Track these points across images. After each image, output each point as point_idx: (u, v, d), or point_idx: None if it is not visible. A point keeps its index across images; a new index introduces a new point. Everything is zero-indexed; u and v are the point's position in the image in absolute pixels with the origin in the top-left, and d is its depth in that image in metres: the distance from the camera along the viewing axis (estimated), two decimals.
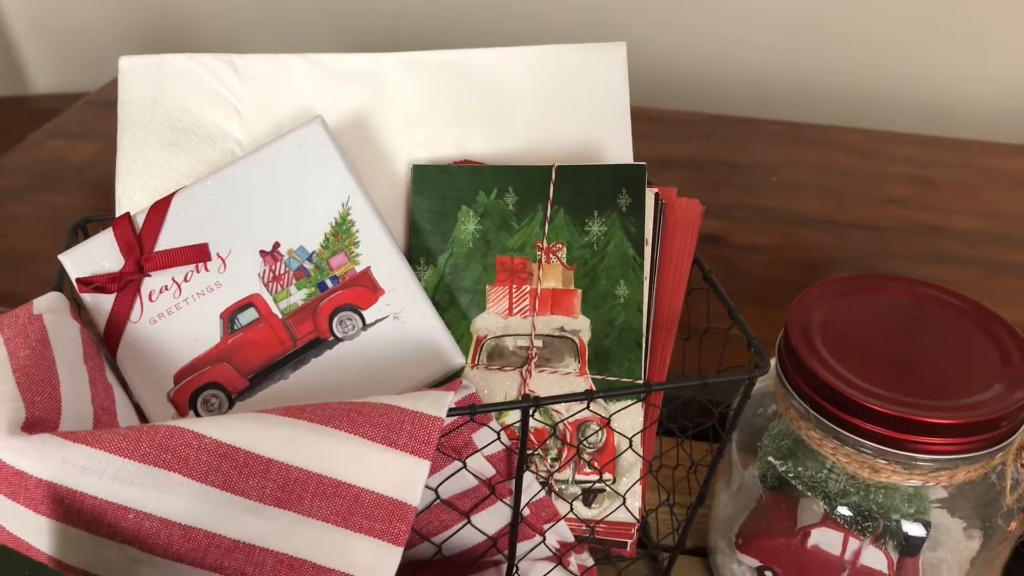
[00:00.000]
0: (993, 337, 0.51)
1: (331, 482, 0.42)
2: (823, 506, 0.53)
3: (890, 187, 1.17)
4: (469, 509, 0.49)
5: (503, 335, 0.54)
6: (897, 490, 0.51)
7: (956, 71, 1.35)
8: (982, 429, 0.47)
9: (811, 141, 1.27)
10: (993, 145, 1.28)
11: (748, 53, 1.40)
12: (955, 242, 1.07)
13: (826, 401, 0.48)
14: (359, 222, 0.51)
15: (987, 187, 1.18)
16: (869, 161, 1.24)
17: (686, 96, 1.42)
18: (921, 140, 1.29)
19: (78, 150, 1.15)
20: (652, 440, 0.54)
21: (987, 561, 0.53)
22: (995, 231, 1.09)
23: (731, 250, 1.01)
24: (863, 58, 1.37)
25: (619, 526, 0.53)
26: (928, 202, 1.14)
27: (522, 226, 0.53)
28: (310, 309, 0.51)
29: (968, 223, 1.10)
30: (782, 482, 0.55)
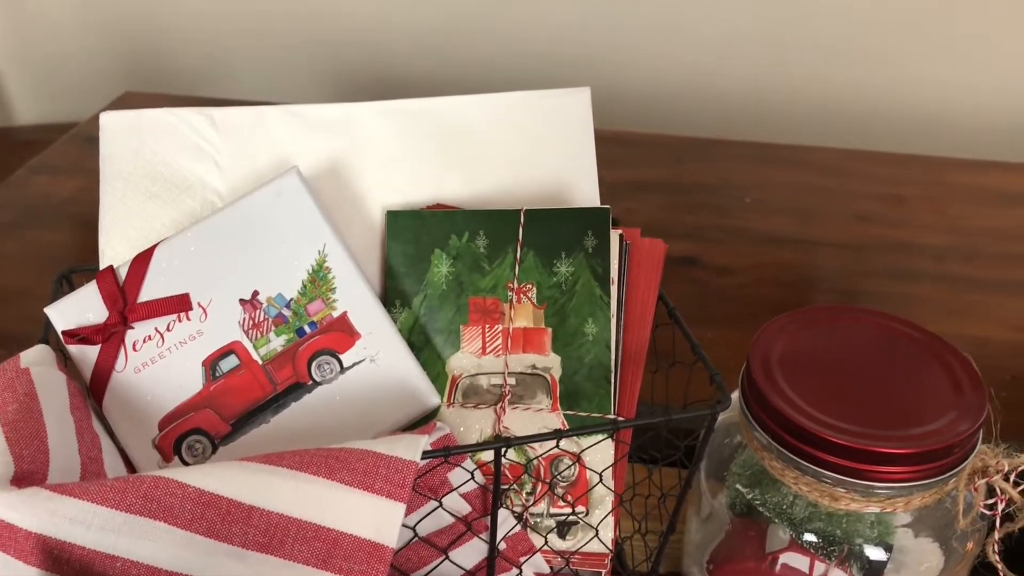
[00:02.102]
0: (946, 367, 0.53)
1: (311, 526, 0.43)
2: (789, 532, 0.55)
3: (861, 205, 1.20)
4: (447, 545, 0.51)
5: (477, 374, 0.55)
6: (859, 516, 0.53)
7: (924, 89, 1.39)
8: (935, 457, 0.49)
9: (782, 161, 1.30)
10: (961, 161, 1.31)
11: (719, 77, 1.43)
12: (925, 258, 1.09)
13: (786, 433, 0.51)
14: (335, 268, 0.53)
15: (955, 203, 1.21)
16: (839, 179, 1.27)
17: (659, 120, 1.45)
18: (890, 158, 1.31)
19: (63, 186, 1.17)
20: (623, 472, 0.55)
21: (945, 570, 0.56)
22: (963, 247, 1.12)
23: (706, 271, 1.04)
24: (832, 78, 1.40)
25: (593, 557, 0.55)
26: (898, 219, 1.17)
27: (493, 268, 0.55)
28: (289, 355, 0.53)
29: (938, 239, 1.13)
30: (750, 509, 0.57)
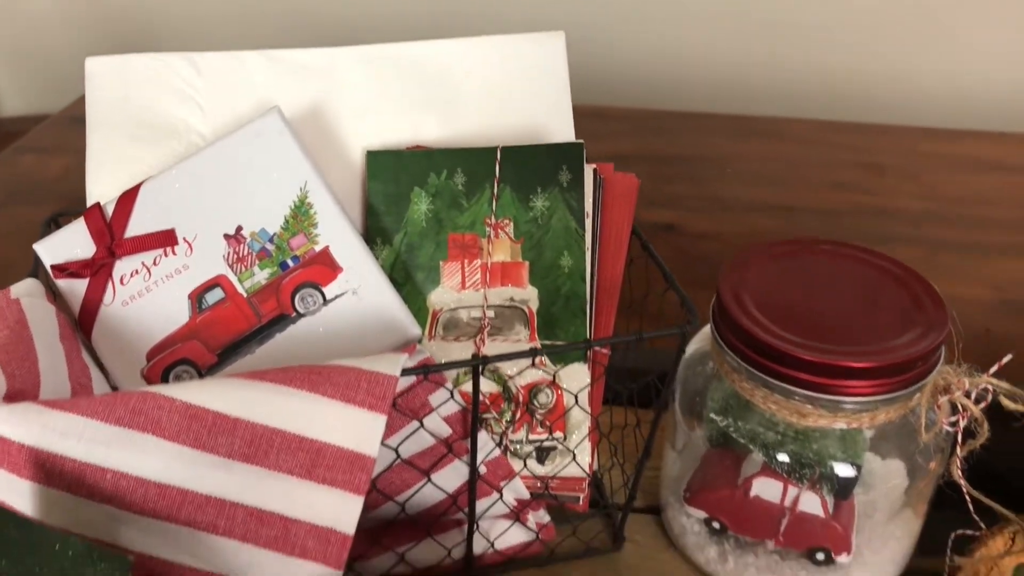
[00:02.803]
0: (909, 290, 0.55)
1: (294, 438, 0.45)
2: (762, 458, 0.57)
3: (838, 173, 1.21)
4: (428, 468, 0.52)
5: (457, 308, 0.57)
6: (829, 435, 0.55)
7: (899, 61, 1.41)
8: (899, 371, 0.51)
9: (762, 133, 1.31)
10: (936, 131, 1.33)
11: (700, 51, 1.45)
12: (901, 223, 1.11)
13: (755, 353, 0.52)
14: (316, 204, 0.55)
15: (931, 170, 1.23)
16: (818, 150, 1.29)
17: (640, 94, 1.46)
18: (867, 128, 1.33)
19: (49, 165, 1.18)
20: (599, 399, 0.57)
21: (914, 498, 0.58)
22: (937, 211, 1.13)
23: (684, 238, 1.05)
24: (811, 53, 1.42)
25: (571, 481, 0.57)
26: (875, 187, 1.19)
27: (471, 205, 0.57)
28: (273, 287, 0.54)
29: (913, 205, 1.15)
30: (725, 439, 0.59)
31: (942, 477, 0.57)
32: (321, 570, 0.46)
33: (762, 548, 0.59)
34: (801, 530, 0.58)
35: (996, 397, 0.53)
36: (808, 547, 0.58)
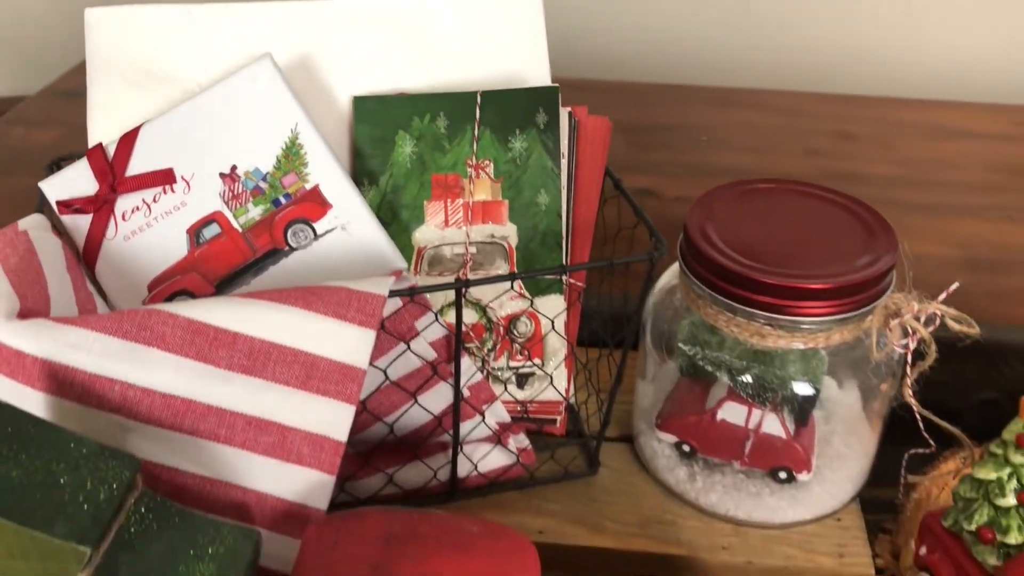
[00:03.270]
0: (862, 221, 0.59)
1: (290, 351, 0.48)
2: (729, 384, 0.61)
3: (812, 141, 1.25)
4: (415, 389, 0.56)
5: (441, 244, 0.61)
6: (789, 358, 0.59)
7: (873, 35, 1.44)
8: (851, 293, 0.55)
9: (739, 103, 1.35)
10: (907, 101, 1.37)
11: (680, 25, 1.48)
12: (871, 186, 1.15)
13: (719, 279, 0.56)
14: (306, 145, 0.58)
15: (901, 138, 1.27)
16: (792, 119, 1.32)
17: (621, 68, 1.50)
18: (840, 99, 1.37)
19: (41, 136, 1.20)
20: (575, 328, 0.61)
21: (869, 419, 0.62)
22: (906, 176, 1.17)
23: (661, 202, 1.09)
24: (787, 26, 1.45)
25: (549, 404, 0.61)
26: (847, 153, 1.22)
27: (453, 146, 0.60)
28: (267, 223, 0.57)
29: (883, 169, 1.19)
30: (694, 368, 0.63)
31: (895, 399, 0.61)
32: (316, 475, 0.50)
33: (728, 468, 0.63)
34: (764, 451, 0.61)
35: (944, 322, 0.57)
36: (771, 467, 0.62)
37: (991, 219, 1.04)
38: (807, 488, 0.62)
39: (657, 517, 0.63)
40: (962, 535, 0.55)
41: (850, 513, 0.63)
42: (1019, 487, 0.52)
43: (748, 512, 0.61)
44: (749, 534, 0.61)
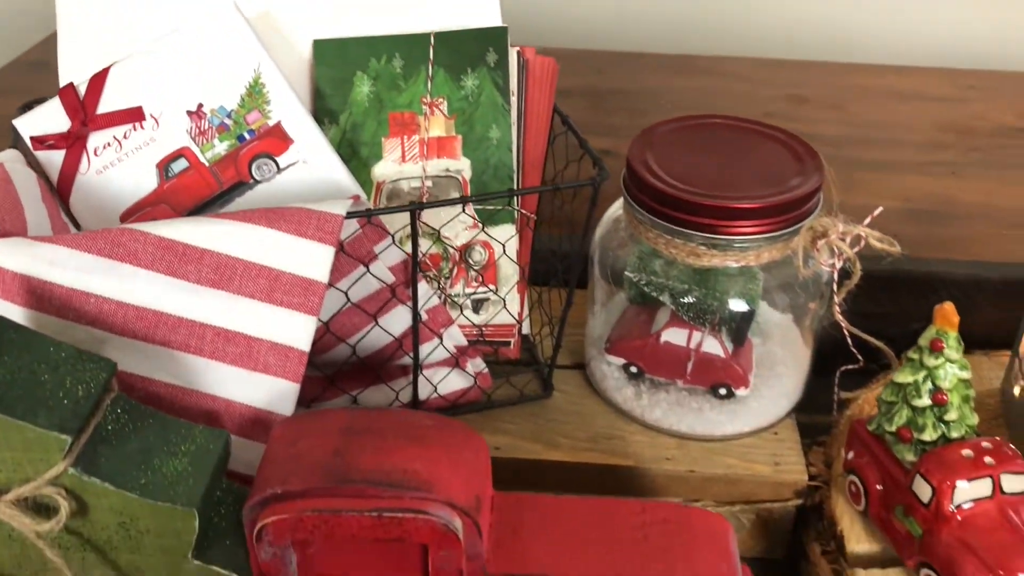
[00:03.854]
0: (792, 150, 0.63)
1: (255, 266, 0.52)
2: (672, 308, 0.65)
3: (766, 105, 1.29)
4: (375, 311, 0.60)
5: (399, 179, 0.64)
6: (726, 280, 0.63)
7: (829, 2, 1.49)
8: (782, 211, 0.59)
9: (697, 70, 1.39)
10: (859, 66, 1.41)
11: None
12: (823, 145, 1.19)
13: (658, 204, 0.60)
14: (269, 84, 0.61)
15: (852, 101, 1.31)
16: (750, 84, 1.36)
17: (580, 36, 1.53)
18: (796, 64, 1.41)
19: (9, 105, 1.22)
20: (527, 255, 0.65)
21: (802, 337, 0.66)
22: (856, 136, 1.22)
23: (619, 160, 1.13)
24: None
25: (503, 328, 0.64)
26: (800, 115, 1.26)
27: (409, 86, 0.64)
28: (232, 157, 0.61)
29: (834, 130, 1.23)
30: (641, 296, 0.67)
31: (826, 318, 0.65)
32: (281, 383, 0.53)
33: (672, 387, 0.67)
34: (705, 369, 0.66)
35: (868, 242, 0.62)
36: (712, 384, 0.66)
37: (936, 175, 1.09)
38: (745, 403, 0.66)
39: (606, 433, 0.67)
40: (884, 437, 0.60)
41: (786, 427, 0.67)
42: (933, 388, 0.57)
43: (690, 426, 0.66)
44: (691, 446, 0.66)
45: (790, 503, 0.64)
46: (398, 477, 0.45)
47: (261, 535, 0.45)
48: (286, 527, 0.45)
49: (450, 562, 0.46)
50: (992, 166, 1.08)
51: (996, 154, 1.11)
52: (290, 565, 0.46)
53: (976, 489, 0.54)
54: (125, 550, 0.48)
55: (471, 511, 0.46)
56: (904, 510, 0.57)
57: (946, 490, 0.54)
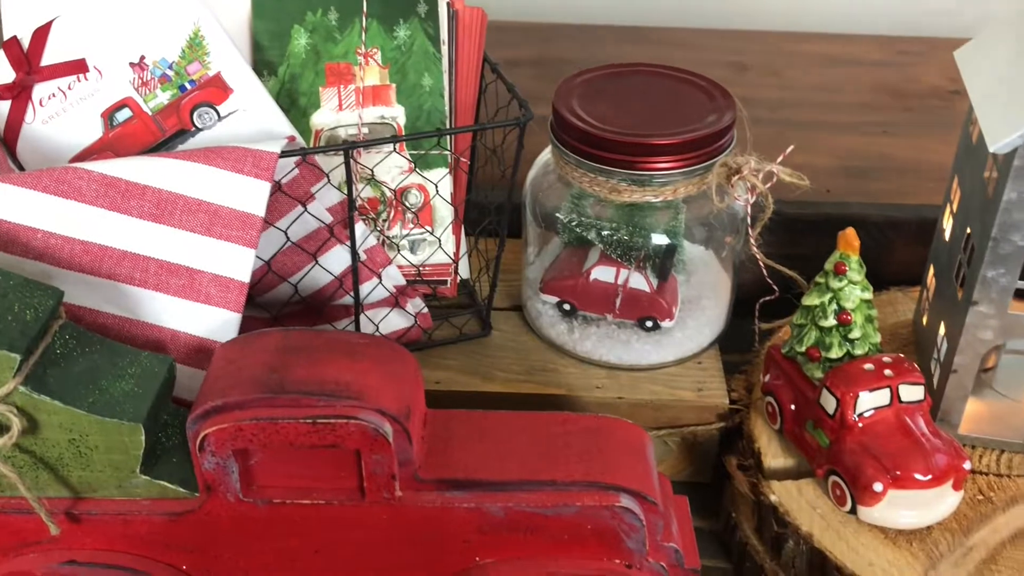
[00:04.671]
0: (708, 93, 0.67)
1: (194, 201, 0.55)
2: (601, 247, 0.69)
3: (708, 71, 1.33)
4: (315, 250, 0.63)
5: (336, 127, 0.67)
6: (649, 216, 0.66)
7: None
8: (696, 147, 0.63)
9: (642, 39, 1.43)
10: (796, 34, 1.46)
11: None
12: (761, 108, 1.24)
13: (580, 143, 0.64)
14: (208, 36, 0.64)
15: (789, 67, 1.35)
16: (692, 52, 1.40)
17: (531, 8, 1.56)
18: (737, 34, 1.45)
19: None
20: (461, 197, 0.68)
21: (724, 270, 0.70)
22: (793, 99, 1.26)
23: None
24: None
25: (440, 267, 0.68)
26: (740, 81, 1.31)
27: (344, 37, 0.67)
28: (174, 107, 0.63)
29: (772, 94, 1.27)
30: (573, 237, 0.70)
31: (744, 252, 0.69)
32: (223, 313, 0.56)
33: (603, 321, 0.71)
34: (632, 304, 0.70)
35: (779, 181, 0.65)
36: (639, 317, 0.70)
37: (868, 134, 1.14)
38: (670, 334, 0.70)
39: (541, 366, 0.70)
40: (796, 358, 0.64)
41: (710, 357, 0.71)
42: (838, 309, 0.61)
43: (619, 357, 0.69)
44: (620, 376, 0.70)
45: (713, 426, 0.68)
46: (331, 387, 0.49)
47: (203, 445, 0.48)
48: (226, 436, 0.48)
49: (382, 466, 0.49)
50: (923, 125, 1.13)
51: (927, 114, 1.16)
52: (232, 475, 0.49)
53: (876, 399, 0.59)
54: (76, 467, 0.50)
55: (401, 418, 0.49)
56: (814, 423, 0.61)
57: (849, 401, 0.58)
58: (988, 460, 0.63)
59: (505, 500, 0.51)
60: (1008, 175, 0.55)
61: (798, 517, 0.59)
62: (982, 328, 0.60)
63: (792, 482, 0.62)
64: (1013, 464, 0.63)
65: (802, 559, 0.59)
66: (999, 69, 0.59)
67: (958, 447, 0.58)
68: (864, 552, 0.57)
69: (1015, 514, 0.60)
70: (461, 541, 0.52)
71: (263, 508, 0.51)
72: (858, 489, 0.57)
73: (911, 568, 0.56)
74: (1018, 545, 0.58)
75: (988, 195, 0.58)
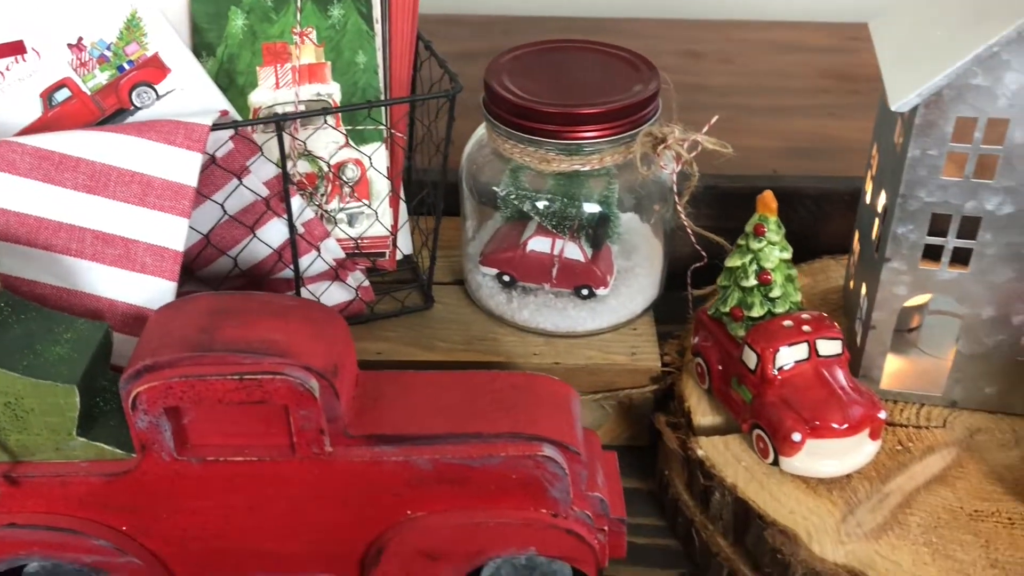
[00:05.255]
0: (634, 66, 0.69)
1: (127, 172, 0.56)
2: (537, 220, 0.71)
3: (661, 60, 1.35)
4: (252, 224, 0.64)
5: (273, 105, 0.69)
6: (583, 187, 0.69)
7: None
8: (618, 116, 0.65)
9: (598, 30, 1.45)
10: (750, 22, 1.49)
11: None
12: (712, 95, 1.26)
13: (510, 114, 0.66)
14: (145, 18, 0.65)
15: (742, 54, 1.38)
16: (646, 42, 1.41)
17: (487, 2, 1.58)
18: (691, 24, 1.48)
19: None
20: (398, 171, 0.70)
21: (656, 237, 0.72)
22: (744, 84, 1.29)
23: None
24: None
25: (378, 240, 0.70)
26: (692, 68, 1.33)
27: (280, 17, 0.69)
28: (113, 87, 0.65)
29: (724, 80, 1.30)
30: (510, 210, 0.72)
31: (673, 220, 0.71)
32: (159, 282, 0.58)
33: (540, 291, 0.73)
34: (568, 273, 0.72)
35: None
36: (574, 286, 0.72)
37: (815, 116, 1.16)
38: (605, 302, 0.72)
39: (481, 336, 0.72)
40: (722, 319, 0.66)
41: (644, 323, 0.74)
42: (759, 269, 0.63)
43: (555, 324, 0.72)
44: (557, 343, 0.72)
45: (647, 389, 0.70)
46: (258, 346, 0.50)
47: (136, 404, 0.50)
48: (157, 394, 0.50)
49: (310, 421, 0.51)
50: (869, 107, 1.15)
51: (873, 97, 1.18)
52: (165, 433, 0.51)
53: (794, 353, 0.61)
54: (14, 431, 0.52)
55: (328, 374, 0.51)
56: (738, 380, 0.63)
57: (768, 356, 0.61)
58: (908, 413, 0.66)
59: (432, 453, 0.53)
60: (911, 134, 0.57)
61: (724, 470, 0.61)
62: (896, 284, 0.62)
63: (719, 437, 0.64)
64: (932, 416, 0.66)
65: (728, 510, 0.61)
66: (904, 35, 0.61)
67: (874, 398, 0.60)
68: (786, 501, 0.59)
69: (930, 462, 0.62)
70: (392, 495, 0.54)
71: (197, 466, 0.52)
72: (778, 440, 0.59)
73: (830, 514, 0.59)
74: (932, 490, 0.60)
75: (897, 156, 0.60)
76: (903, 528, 0.58)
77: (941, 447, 0.63)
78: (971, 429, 0.64)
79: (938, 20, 0.59)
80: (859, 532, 0.57)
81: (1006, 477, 0.61)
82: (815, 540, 0.57)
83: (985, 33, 0.53)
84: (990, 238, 0.59)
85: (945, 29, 0.58)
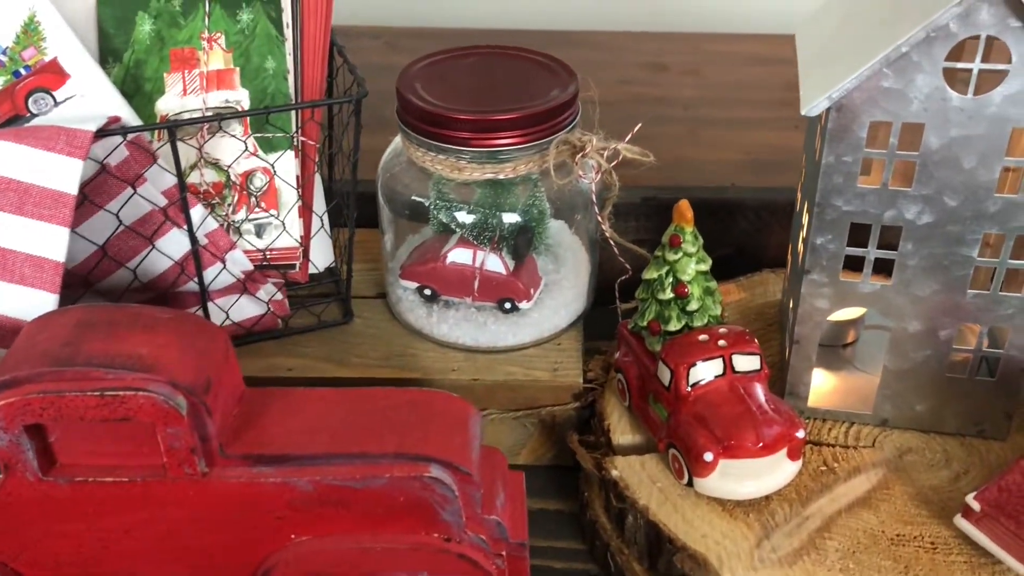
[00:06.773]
0: (552, 71, 0.67)
1: (3, 180, 0.54)
2: (458, 232, 0.68)
3: (627, 72, 1.34)
4: (151, 234, 0.62)
5: (181, 112, 0.67)
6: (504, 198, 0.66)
7: None
8: (532, 123, 0.62)
9: (564, 43, 1.42)
10: (718, 35, 1.47)
11: None
12: (677, 107, 1.24)
13: (422, 122, 0.63)
14: (44, 22, 0.63)
15: (709, 66, 1.36)
16: (613, 54, 1.41)
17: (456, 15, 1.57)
18: (658, 36, 1.46)
19: None
20: (310, 185, 0.68)
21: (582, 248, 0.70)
22: (710, 97, 1.27)
23: None
24: None
25: (287, 251, 0.67)
26: (658, 81, 1.31)
27: (188, 23, 0.67)
28: (8, 93, 0.63)
29: (689, 93, 1.28)
30: (444, 227, 0.70)
31: (598, 231, 0.69)
32: (39, 294, 0.55)
33: (462, 304, 0.70)
34: (490, 286, 0.69)
35: None
36: (497, 299, 0.69)
37: (778, 128, 1.14)
38: (528, 315, 0.70)
39: (400, 351, 0.70)
40: (640, 333, 0.63)
41: (569, 338, 0.71)
42: (675, 281, 0.61)
43: (475, 339, 0.69)
44: (478, 358, 0.69)
45: (569, 406, 0.68)
46: (122, 360, 0.48)
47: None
48: (15, 411, 0.47)
49: (179, 440, 0.48)
50: None
51: None
52: (27, 452, 0.48)
53: (709, 369, 0.58)
54: None
55: (197, 390, 0.48)
56: (654, 397, 0.61)
57: (682, 372, 0.58)
58: (837, 432, 0.63)
59: (312, 474, 0.50)
60: (825, 139, 0.55)
61: (637, 491, 0.59)
62: (817, 297, 0.60)
63: (636, 457, 0.61)
64: (861, 436, 0.63)
65: (641, 534, 0.58)
66: (824, 38, 0.59)
67: (794, 416, 0.58)
68: (699, 524, 0.57)
69: (855, 484, 0.59)
70: (275, 518, 0.51)
71: (66, 487, 0.50)
72: (691, 460, 0.57)
73: (744, 538, 0.56)
74: (854, 513, 0.57)
75: (815, 163, 0.58)
76: (820, 553, 0.55)
77: (868, 468, 0.60)
78: (901, 449, 0.62)
79: (857, 22, 0.57)
80: (773, 558, 0.54)
81: (932, 499, 0.58)
82: (726, 566, 0.54)
83: (895, 34, 0.51)
84: (911, 248, 0.56)
85: (863, 31, 0.55)
